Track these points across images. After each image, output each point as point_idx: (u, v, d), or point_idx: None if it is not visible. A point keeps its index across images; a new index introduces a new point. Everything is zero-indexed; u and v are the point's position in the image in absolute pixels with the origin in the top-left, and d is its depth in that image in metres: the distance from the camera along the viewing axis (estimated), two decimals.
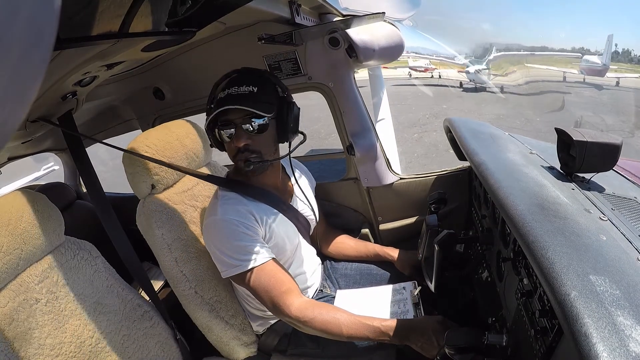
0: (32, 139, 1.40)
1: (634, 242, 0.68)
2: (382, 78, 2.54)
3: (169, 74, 1.61)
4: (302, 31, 1.24)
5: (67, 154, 1.99)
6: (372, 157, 1.55)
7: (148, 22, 0.68)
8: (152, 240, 1.08)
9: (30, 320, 0.84)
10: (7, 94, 0.14)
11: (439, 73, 17.32)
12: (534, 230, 0.66)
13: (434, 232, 1.10)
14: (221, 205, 1.02)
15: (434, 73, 17.35)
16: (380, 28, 1.47)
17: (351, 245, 1.42)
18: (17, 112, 0.15)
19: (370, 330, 0.97)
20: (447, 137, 1.57)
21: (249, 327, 1.16)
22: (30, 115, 1.02)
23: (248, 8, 0.89)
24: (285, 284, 1.00)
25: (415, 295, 1.16)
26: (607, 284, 0.53)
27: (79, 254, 0.99)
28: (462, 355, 0.81)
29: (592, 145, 0.91)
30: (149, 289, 1.15)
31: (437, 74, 17.28)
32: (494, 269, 1.07)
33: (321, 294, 1.26)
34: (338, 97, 1.48)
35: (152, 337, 1.07)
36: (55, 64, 0.70)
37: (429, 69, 17.44)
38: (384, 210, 1.68)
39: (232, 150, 1.01)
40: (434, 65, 17.51)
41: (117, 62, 0.92)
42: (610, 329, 0.46)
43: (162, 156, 1.12)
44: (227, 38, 1.40)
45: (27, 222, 0.88)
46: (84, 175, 1.13)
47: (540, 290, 0.71)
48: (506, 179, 0.89)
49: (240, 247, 0.98)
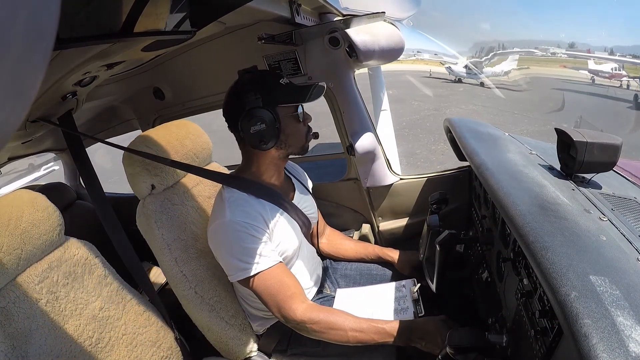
0: (32, 139, 1.40)
1: (634, 242, 0.68)
2: (382, 78, 2.53)
3: (169, 74, 1.61)
4: (302, 31, 1.24)
5: (67, 154, 1.99)
6: (372, 158, 1.55)
7: (148, 22, 0.68)
8: (152, 240, 1.08)
9: (30, 321, 0.84)
10: (7, 94, 0.14)
11: (627, 82, 13.60)
12: (534, 231, 0.66)
13: (435, 232, 1.10)
14: (229, 207, 1.00)
15: (623, 81, 13.72)
16: (380, 28, 1.47)
17: (351, 247, 1.42)
18: (17, 112, 0.15)
19: (376, 332, 0.98)
20: (447, 137, 1.57)
21: (249, 327, 1.16)
22: (30, 115, 1.02)
23: (248, 8, 0.89)
24: (290, 288, 1.00)
25: (415, 292, 1.16)
26: (607, 284, 0.53)
27: (79, 254, 0.99)
28: (464, 355, 0.81)
29: (592, 145, 0.91)
30: (149, 289, 1.15)
31: (626, 83, 13.60)
32: (494, 269, 1.07)
33: (321, 294, 1.26)
34: (338, 97, 1.48)
35: (152, 337, 1.07)
36: (55, 64, 0.70)
37: (616, 75, 14.08)
38: (384, 210, 1.68)
39: (302, 130, 1.07)
40: (624, 72, 14.22)
41: (117, 62, 0.92)
42: (610, 329, 0.46)
43: (162, 157, 1.12)
44: (227, 38, 1.41)
45: (27, 222, 0.88)
46: (84, 175, 1.13)
47: (540, 291, 0.71)
48: (506, 179, 0.89)
49: (249, 250, 0.97)
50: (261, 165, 1.08)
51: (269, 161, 1.08)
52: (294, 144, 1.07)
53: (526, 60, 20.37)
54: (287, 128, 1.03)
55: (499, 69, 17.98)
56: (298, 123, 1.05)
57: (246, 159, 1.11)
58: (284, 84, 1.02)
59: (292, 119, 1.04)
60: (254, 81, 1.01)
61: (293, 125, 1.04)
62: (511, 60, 18.34)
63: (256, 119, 0.97)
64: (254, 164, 1.09)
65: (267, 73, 1.06)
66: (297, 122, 1.05)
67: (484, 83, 15.17)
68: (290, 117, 1.03)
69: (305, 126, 1.08)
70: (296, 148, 1.08)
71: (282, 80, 1.02)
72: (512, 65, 18.05)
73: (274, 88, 1.01)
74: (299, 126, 1.06)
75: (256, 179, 1.08)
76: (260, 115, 0.97)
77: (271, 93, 1.00)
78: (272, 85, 1.01)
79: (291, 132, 1.04)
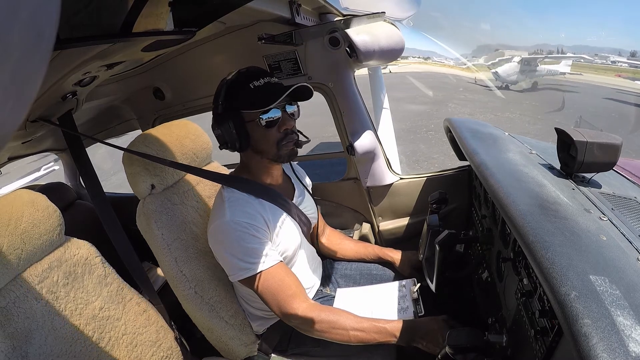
0: (32, 139, 1.40)
1: (634, 242, 0.68)
2: (382, 78, 2.54)
3: (169, 74, 1.61)
4: (302, 31, 1.24)
5: (67, 154, 1.99)
6: (372, 157, 1.55)
7: (148, 22, 0.68)
8: (152, 240, 1.08)
9: (30, 321, 0.84)
10: (7, 93, 0.14)
11: None
12: (534, 230, 0.66)
13: (435, 232, 1.10)
14: (229, 207, 1.00)
15: None
16: (380, 28, 1.47)
17: (351, 246, 1.42)
18: (17, 112, 0.15)
19: (377, 331, 0.98)
20: (447, 137, 1.58)
21: (249, 327, 1.16)
22: (30, 115, 1.02)
23: (248, 8, 0.89)
24: (292, 288, 1.00)
25: (415, 292, 1.16)
26: (607, 284, 0.53)
27: (79, 254, 0.99)
28: (463, 355, 0.81)
29: (592, 145, 0.91)
30: (149, 289, 1.16)
31: None
32: (494, 269, 1.07)
33: (321, 294, 1.26)
34: (338, 97, 1.48)
35: (152, 337, 1.07)
36: (55, 64, 0.70)
37: None
38: (384, 210, 1.68)
39: (276, 136, 1.01)
40: None
41: (117, 62, 0.92)
42: (610, 329, 0.46)
43: (162, 157, 1.12)
44: (227, 38, 1.41)
45: (27, 222, 0.88)
46: (84, 175, 1.13)
47: (540, 291, 0.71)
48: (506, 179, 0.89)
49: (249, 250, 0.97)
50: (252, 167, 1.09)
51: (256, 163, 1.08)
52: (266, 150, 1.03)
53: (580, 66, 19.09)
54: (254, 134, 1.00)
55: (556, 68, 16.90)
56: (267, 129, 0.99)
57: (240, 160, 1.12)
58: (252, 88, 0.97)
59: (257, 125, 0.99)
60: (224, 86, 1.00)
61: (260, 132, 1.00)
62: (564, 65, 17.31)
63: (216, 123, 1.01)
64: (247, 165, 1.10)
65: (240, 76, 1.00)
66: (263, 128, 0.99)
67: (537, 83, 14.47)
68: (254, 123, 0.99)
69: (279, 132, 1.01)
70: (269, 154, 1.03)
71: (253, 84, 0.98)
72: (566, 70, 17.06)
73: (239, 93, 0.98)
74: (267, 132, 1.00)
75: (255, 179, 1.08)
76: (219, 120, 1.00)
77: (232, 99, 0.99)
78: (238, 90, 0.99)
79: (259, 138, 1.01)
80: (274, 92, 0.97)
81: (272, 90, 0.98)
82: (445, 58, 22.77)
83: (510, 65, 15.74)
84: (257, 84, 0.98)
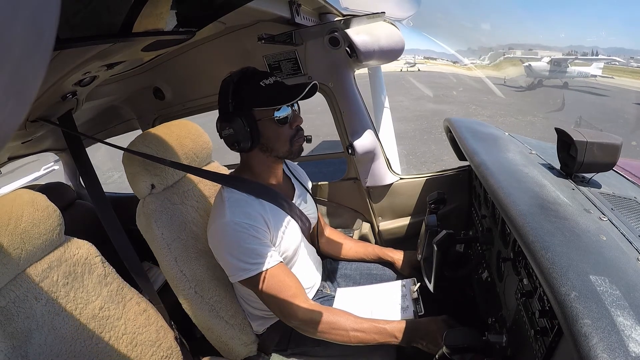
0: (32, 139, 1.40)
1: (634, 242, 0.68)
2: (382, 78, 2.53)
3: (169, 74, 1.61)
4: (302, 31, 1.24)
5: (67, 154, 1.99)
6: (372, 157, 1.55)
7: (148, 22, 0.68)
8: (152, 240, 1.08)
9: (30, 320, 0.84)
10: (7, 93, 0.14)
11: None
12: (534, 231, 0.66)
13: (433, 232, 1.10)
14: (229, 208, 1.00)
15: None
16: (380, 28, 1.47)
17: (351, 246, 1.42)
18: (17, 112, 0.15)
19: (377, 332, 0.98)
20: (447, 137, 1.58)
21: (249, 327, 1.16)
22: (30, 115, 1.02)
23: (248, 8, 0.89)
24: (292, 288, 1.00)
25: (415, 292, 1.16)
26: (607, 284, 0.53)
27: (79, 253, 0.99)
28: (460, 356, 0.81)
29: (592, 145, 0.91)
30: (149, 288, 1.16)
31: None
32: (494, 269, 1.07)
33: (321, 294, 1.26)
34: (338, 97, 1.48)
35: (152, 336, 1.07)
36: (55, 64, 0.70)
37: None
38: (384, 210, 1.68)
39: (289, 132, 1.02)
40: None
41: (117, 62, 0.92)
42: (610, 329, 0.46)
43: (162, 156, 1.12)
44: (227, 38, 1.41)
45: (27, 222, 0.88)
46: (84, 175, 1.13)
47: (540, 291, 0.71)
48: (506, 179, 0.89)
49: (249, 251, 0.97)
50: (254, 167, 1.08)
51: (259, 163, 1.07)
52: (277, 148, 1.03)
53: (613, 69, 18.35)
54: (266, 131, 1.00)
55: (586, 70, 16.48)
56: (279, 126, 1.00)
57: (241, 160, 1.11)
58: (264, 86, 0.97)
59: (270, 122, 0.99)
60: (232, 85, 0.99)
61: (273, 129, 1.00)
62: (595, 67, 16.80)
63: (225, 123, 0.98)
64: (248, 165, 1.09)
65: (247, 75, 1.00)
66: (277, 125, 1.00)
67: (567, 84, 14.28)
68: (268, 121, 0.99)
69: (291, 129, 1.02)
70: (281, 152, 1.04)
71: (263, 82, 0.98)
72: (597, 72, 16.60)
73: (250, 91, 0.98)
74: (280, 129, 1.00)
75: (255, 179, 1.08)
76: (229, 119, 0.98)
77: (244, 97, 0.98)
78: (248, 88, 0.98)
79: (271, 136, 1.01)
80: (287, 90, 0.99)
81: (283, 88, 1.00)
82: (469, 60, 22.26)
83: (540, 64, 15.55)
84: (267, 82, 0.99)
